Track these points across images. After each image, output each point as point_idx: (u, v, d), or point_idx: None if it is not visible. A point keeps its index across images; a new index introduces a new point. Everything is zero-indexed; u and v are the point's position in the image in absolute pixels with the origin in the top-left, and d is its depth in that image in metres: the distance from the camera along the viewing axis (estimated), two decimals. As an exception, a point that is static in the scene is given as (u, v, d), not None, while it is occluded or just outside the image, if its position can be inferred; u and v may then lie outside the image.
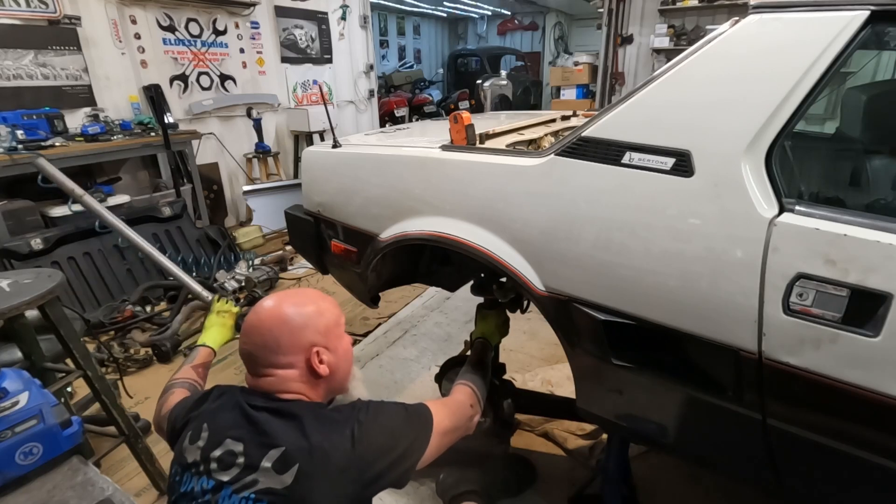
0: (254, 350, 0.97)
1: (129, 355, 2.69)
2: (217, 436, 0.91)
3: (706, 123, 1.03)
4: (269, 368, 0.96)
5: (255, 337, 0.97)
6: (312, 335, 0.97)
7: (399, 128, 2.53)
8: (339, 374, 1.02)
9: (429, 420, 1.05)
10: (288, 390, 0.96)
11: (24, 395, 1.20)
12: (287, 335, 0.96)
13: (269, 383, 0.96)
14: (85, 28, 3.68)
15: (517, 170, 1.31)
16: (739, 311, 0.99)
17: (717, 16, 5.72)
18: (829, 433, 0.97)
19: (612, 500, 1.60)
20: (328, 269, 2.10)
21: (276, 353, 0.95)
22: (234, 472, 0.86)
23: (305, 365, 0.96)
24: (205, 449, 0.90)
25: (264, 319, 0.98)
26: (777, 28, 0.98)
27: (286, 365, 0.96)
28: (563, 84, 7.06)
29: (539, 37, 13.73)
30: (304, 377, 0.97)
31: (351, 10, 6.08)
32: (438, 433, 1.05)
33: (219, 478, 0.87)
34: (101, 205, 1.79)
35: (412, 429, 1.02)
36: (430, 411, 1.07)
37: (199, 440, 0.92)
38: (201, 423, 0.95)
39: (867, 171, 1.37)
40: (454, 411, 1.18)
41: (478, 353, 1.55)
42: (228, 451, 0.88)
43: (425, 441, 1.02)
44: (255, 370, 0.98)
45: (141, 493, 1.89)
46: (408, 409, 1.05)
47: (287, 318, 0.97)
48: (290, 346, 0.96)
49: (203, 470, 0.89)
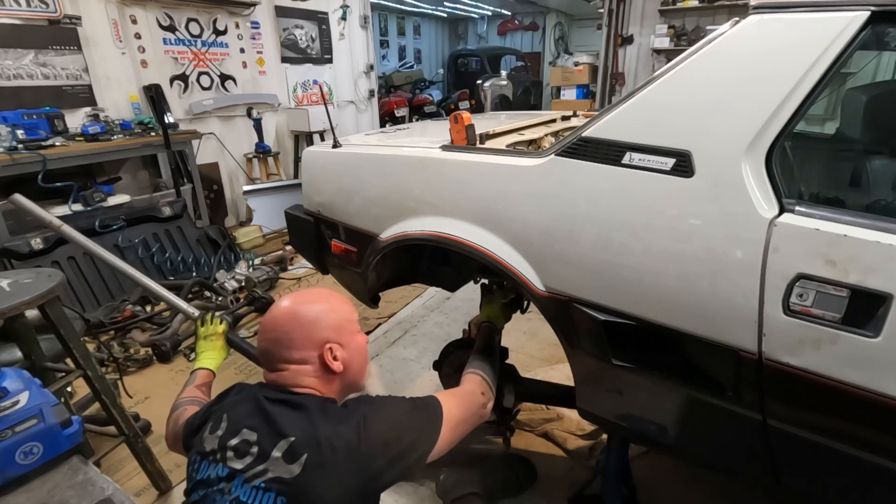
0: (269, 346, 1.01)
1: (129, 355, 2.69)
2: (234, 425, 0.94)
3: (706, 124, 1.03)
4: (283, 364, 0.99)
5: (270, 333, 1.01)
6: (325, 331, 1.00)
7: (399, 128, 2.53)
8: (352, 370, 1.04)
9: (437, 412, 1.05)
10: (301, 384, 0.98)
11: (24, 394, 1.20)
12: (299, 331, 0.99)
13: (283, 377, 0.99)
14: (85, 28, 3.68)
15: (517, 170, 1.31)
16: (739, 311, 0.99)
17: (718, 16, 5.72)
18: (829, 434, 0.97)
19: (612, 500, 1.60)
20: (328, 269, 2.10)
21: (289, 349, 0.99)
22: (247, 460, 0.89)
23: (319, 361, 0.99)
24: (223, 438, 0.93)
25: (277, 317, 1.02)
26: (777, 28, 0.98)
27: (299, 360, 0.99)
28: (564, 84, 7.06)
29: (539, 37, 13.73)
30: (318, 373, 0.99)
31: (351, 10, 6.08)
32: (450, 425, 1.05)
33: (233, 465, 0.89)
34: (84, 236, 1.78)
35: (419, 421, 1.02)
36: (440, 403, 1.08)
37: (218, 430, 0.95)
38: (221, 414, 0.98)
39: (867, 171, 1.37)
40: (464, 401, 1.18)
41: (485, 337, 1.54)
42: (244, 440, 0.91)
43: (435, 433, 1.02)
44: (271, 365, 1.01)
45: (141, 493, 1.89)
46: (415, 402, 1.06)
47: (299, 315, 1.01)
48: (303, 342, 0.99)
49: (220, 458, 0.91)
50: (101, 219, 3.36)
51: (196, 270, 3.69)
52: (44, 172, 3.03)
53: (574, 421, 2.08)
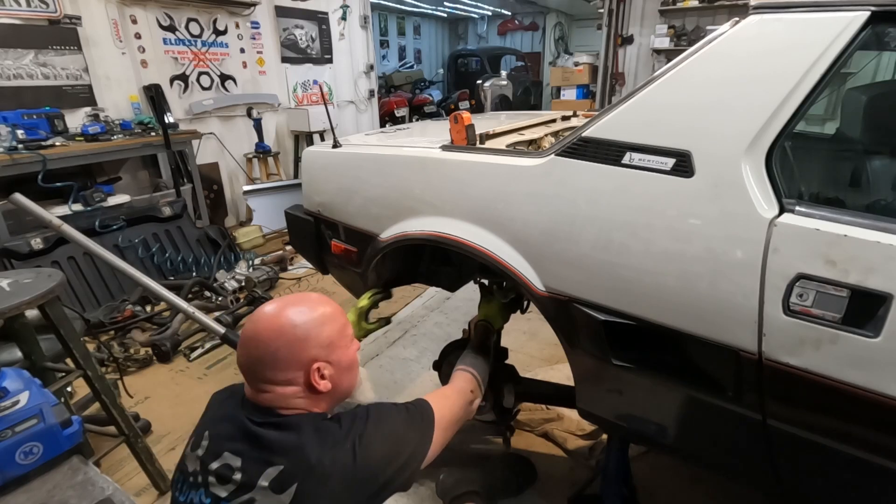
0: (251, 363, 0.91)
1: (129, 355, 2.69)
2: (216, 446, 0.88)
3: (706, 124, 1.03)
4: (266, 384, 0.90)
5: (252, 349, 0.90)
6: (314, 349, 0.91)
7: (399, 128, 2.53)
8: (342, 386, 0.97)
9: (430, 417, 1.04)
10: (288, 406, 0.90)
11: (24, 394, 1.20)
12: (285, 349, 0.89)
13: (268, 399, 0.90)
14: (85, 28, 3.68)
15: (517, 170, 1.31)
16: (739, 311, 0.99)
17: (718, 16, 5.72)
18: (830, 434, 0.97)
19: (612, 500, 1.60)
20: (328, 269, 2.10)
21: (273, 369, 0.89)
22: (230, 487, 0.83)
23: (305, 381, 0.90)
24: (204, 459, 0.88)
25: (261, 331, 0.90)
26: (777, 29, 0.98)
27: (284, 382, 0.89)
28: (564, 84, 7.07)
29: (539, 37, 13.73)
30: (304, 392, 0.91)
31: (351, 10, 6.08)
32: (441, 428, 1.04)
33: (216, 493, 0.84)
34: (84, 236, 1.78)
35: (414, 431, 1.00)
36: (431, 408, 1.06)
37: (199, 448, 0.90)
38: (203, 430, 0.93)
39: (867, 171, 1.37)
40: (454, 402, 1.17)
41: (480, 336, 1.54)
42: (226, 464, 0.85)
43: (428, 440, 1.01)
44: (253, 384, 0.92)
45: (141, 493, 1.89)
46: (409, 410, 1.03)
47: (285, 330, 0.89)
48: (289, 362, 0.89)
49: (201, 482, 0.86)
50: (101, 219, 3.36)
51: (196, 270, 3.69)
52: (44, 172, 3.03)
53: (574, 421, 2.08)
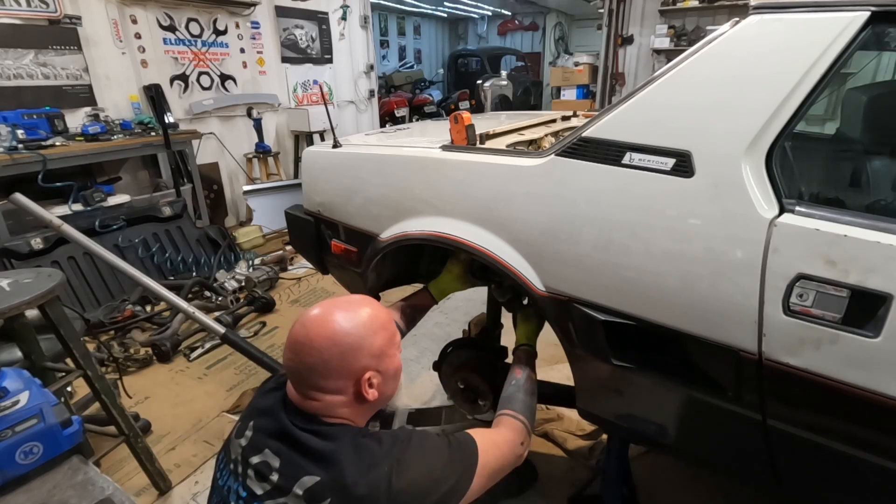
0: (300, 369, 0.88)
1: (129, 355, 2.69)
2: (258, 441, 0.88)
3: (706, 124, 1.03)
4: (315, 392, 0.88)
5: (305, 356, 0.88)
6: (366, 358, 0.89)
7: (399, 128, 2.53)
8: (386, 394, 0.95)
9: (474, 459, 0.96)
10: (333, 415, 0.89)
11: (24, 394, 1.20)
12: (338, 359, 0.87)
13: (314, 407, 0.89)
14: (85, 28, 3.68)
15: (517, 170, 1.31)
16: (739, 311, 0.99)
17: (718, 16, 5.72)
18: (830, 434, 0.97)
19: (612, 500, 1.60)
20: (328, 269, 2.10)
21: (324, 378, 0.87)
22: (266, 487, 0.84)
23: (354, 390, 0.89)
24: (245, 451, 0.88)
25: (314, 337, 0.87)
26: (778, 29, 0.98)
27: (334, 390, 0.88)
28: (564, 84, 7.07)
29: (539, 37, 13.74)
30: (351, 402, 0.90)
31: (351, 10, 6.08)
32: (483, 474, 0.96)
33: (252, 488, 0.85)
34: (84, 236, 1.78)
35: (455, 469, 0.93)
36: (478, 448, 0.98)
37: (242, 437, 0.91)
38: (249, 420, 0.93)
39: (867, 171, 1.37)
40: (503, 453, 1.06)
41: (527, 367, 1.37)
42: (265, 462, 0.85)
43: (468, 482, 0.93)
44: (300, 389, 0.90)
45: (141, 493, 1.89)
46: (451, 445, 0.96)
47: (339, 339, 0.87)
48: (341, 371, 0.87)
49: (241, 472, 0.87)
50: (101, 219, 3.36)
51: (196, 270, 3.70)
52: (44, 172, 3.04)
53: (574, 421, 2.08)
